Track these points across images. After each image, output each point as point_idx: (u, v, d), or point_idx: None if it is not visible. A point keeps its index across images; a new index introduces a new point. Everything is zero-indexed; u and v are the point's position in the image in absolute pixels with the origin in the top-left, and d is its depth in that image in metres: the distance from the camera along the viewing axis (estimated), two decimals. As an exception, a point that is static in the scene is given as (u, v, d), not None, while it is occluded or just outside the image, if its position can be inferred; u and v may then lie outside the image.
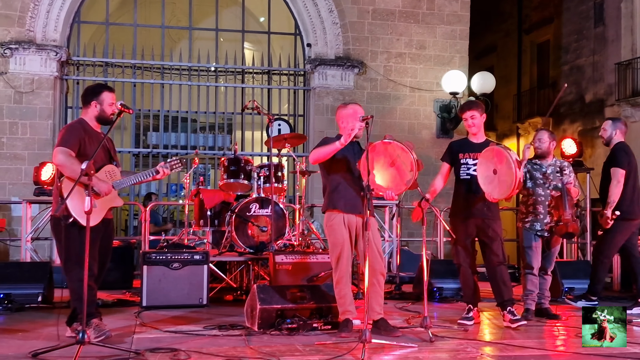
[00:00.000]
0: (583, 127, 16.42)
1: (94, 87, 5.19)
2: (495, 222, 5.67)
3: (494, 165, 5.38)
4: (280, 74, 12.24)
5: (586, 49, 16.63)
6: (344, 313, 5.09)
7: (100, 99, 5.01)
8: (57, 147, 4.83)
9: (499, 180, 5.34)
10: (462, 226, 5.68)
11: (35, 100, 10.89)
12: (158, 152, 11.56)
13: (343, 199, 5.10)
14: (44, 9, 10.95)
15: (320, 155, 5.08)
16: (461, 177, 5.74)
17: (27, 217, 8.73)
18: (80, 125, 4.99)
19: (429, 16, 12.09)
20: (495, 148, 5.42)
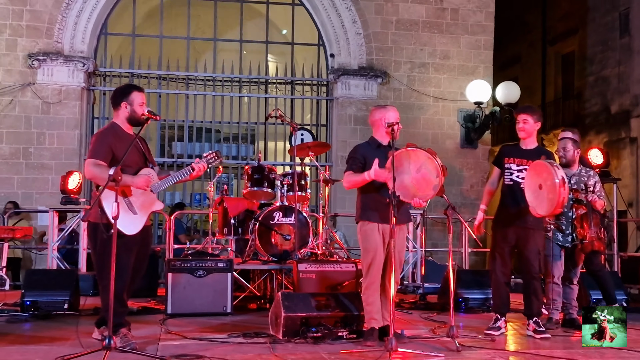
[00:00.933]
0: (609, 138, 16.22)
1: (123, 88, 5.08)
2: (536, 233, 5.56)
3: (540, 180, 5.27)
4: (303, 84, 12.29)
5: (612, 60, 16.45)
6: (370, 321, 5.05)
7: (130, 100, 4.88)
8: (87, 160, 4.77)
9: (543, 197, 5.23)
10: (501, 233, 5.62)
11: (63, 111, 11.03)
12: (182, 161, 11.62)
13: (376, 210, 5.04)
14: (72, 20, 11.12)
15: (352, 184, 5.11)
16: (505, 183, 5.69)
17: (54, 226, 8.83)
18: (111, 130, 4.88)
19: (453, 26, 12.07)
20: (542, 163, 5.30)
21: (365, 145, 5.24)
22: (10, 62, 10.92)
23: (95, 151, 4.74)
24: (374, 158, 4.96)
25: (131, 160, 4.77)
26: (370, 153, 5.08)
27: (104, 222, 4.51)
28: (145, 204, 4.84)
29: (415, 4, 11.96)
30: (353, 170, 5.10)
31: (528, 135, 5.69)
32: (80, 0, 11.13)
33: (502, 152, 5.81)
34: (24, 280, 6.66)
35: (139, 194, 4.81)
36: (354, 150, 5.25)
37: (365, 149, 5.17)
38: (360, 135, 11.48)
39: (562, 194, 5.10)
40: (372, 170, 4.89)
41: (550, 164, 5.24)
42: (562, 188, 5.10)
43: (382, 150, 5.08)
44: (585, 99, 17.45)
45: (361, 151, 5.15)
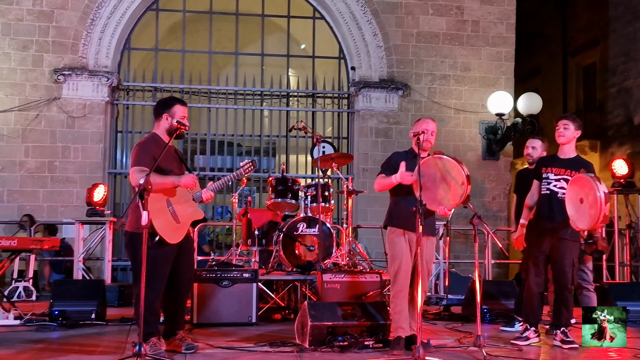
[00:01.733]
0: (632, 149, 16.07)
1: (167, 100, 5.18)
2: (571, 244, 5.51)
3: (582, 194, 5.20)
4: (324, 97, 12.35)
5: (634, 71, 16.33)
6: (397, 330, 5.04)
7: (172, 112, 4.94)
8: (132, 168, 4.81)
9: (584, 211, 5.17)
10: (536, 242, 5.59)
11: (87, 125, 11.18)
12: (205, 174, 11.70)
13: (404, 217, 5.06)
14: (96, 36, 11.30)
15: (381, 186, 5.19)
16: (542, 192, 5.65)
17: (80, 238, 8.93)
18: (152, 140, 4.94)
19: (474, 38, 12.08)
20: (584, 177, 5.24)
21: (402, 153, 5.28)
22: (36, 78, 11.10)
23: (138, 159, 4.80)
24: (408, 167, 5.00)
25: (172, 169, 4.87)
26: (404, 160, 5.10)
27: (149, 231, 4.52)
28: (188, 213, 4.92)
29: (436, 17, 12.00)
30: (385, 174, 5.14)
31: (567, 141, 5.64)
32: (104, 16, 11.32)
33: (540, 163, 5.79)
34: (52, 291, 6.74)
35: (183, 202, 4.88)
36: (390, 156, 5.32)
37: (401, 156, 5.20)
38: (382, 148, 11.53)
39: (604, 209, 5.03)
40: (399, 174, 4.94)
41: (592, 179, 5.15)
42: (604, 204, 5.03)
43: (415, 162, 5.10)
44: (607, 111, 17.32)
45: (396, 157, 5.20)
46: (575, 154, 5.73)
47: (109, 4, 11.29)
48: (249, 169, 5.24)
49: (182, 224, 4.88)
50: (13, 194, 10.93)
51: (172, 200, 4.84)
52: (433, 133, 5.15)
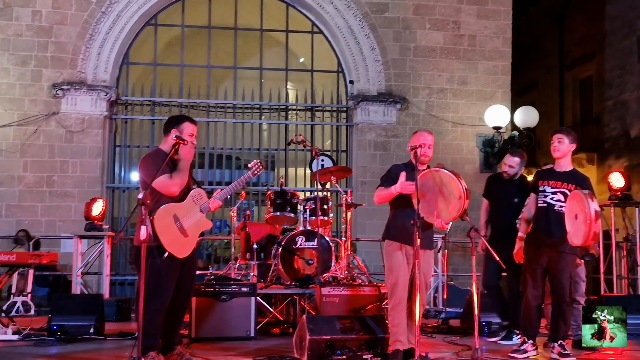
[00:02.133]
0: (629, 162, 16.14)
1: (177, 117, 5.24)
2: (568, 257, 5.53)
3: (576, 211, 5.25)
4: (323, 110, 12.40)
5: (630, 84, 16.43)
6: (395, 343, 5.04)
7: (180, 128, 4.98)
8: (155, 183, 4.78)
9: (578, 227, 5.21)
10: (533, 255, 5.61)
11: (86, 139, 11.20)
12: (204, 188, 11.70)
13: (401, 231, 5.09)
14: (95, 51, 11.35)
15: (380, 198, 5.19)
16: (538, 205, 5.68)
17: (78, 252, 8.93)
18: (155, 154, 5.01)
19: (470, 52, 12.16)
20: (579, 194, 5.27)
21: (402, 165, 5.28)
22: (35, 92, 11.14)
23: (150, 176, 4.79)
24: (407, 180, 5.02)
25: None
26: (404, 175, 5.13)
27: (156, 245, 4.57)
28: (195, 225, 4.94)
29: (433, 31, 12.08)
30: (384, 186, 5.17)
31: (563, 155, 5.68)
32: (103, 32, 11.38)
33: (537, 177, 5.83)
34: (51, 305, 6.73)
35: (190, 215, 4.91)
36: (389, 168, 5.33)
37: (400, 168, 5.20)
38: (380, 161, 11.56)
39: (593, 227, 5.06)
40: (399, 183, 4.95)
41: (585, 196, 5.18)
42: (592, 221, 5.06)
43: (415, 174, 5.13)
44: (604, 124, 17.40)
45: (395, 170, 5.20)
46: (572, 167, 5.76)
47: (107, 19, 11.35)
48: (257, 169, 5.24)
49: (191, 237, 4.90)
50: (11, 208, 10.92)
51: (179, 214, 4.86)
52: (430, 146, 5.17)
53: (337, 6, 11.89)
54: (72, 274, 8.93)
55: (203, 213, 5.00)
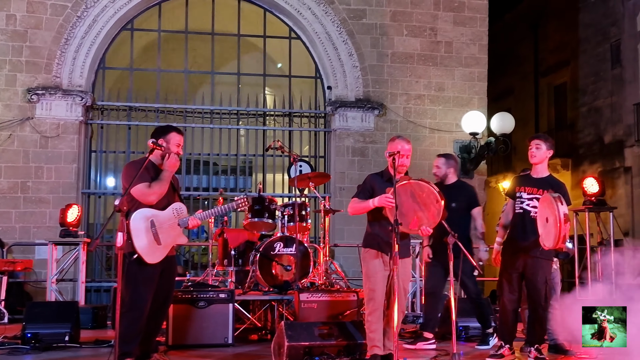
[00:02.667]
0: (603, 168, 16.37)
1: (164, 127, 5.27)
2: (544, 262, 5.57)
3: (547, 214, 5.32)
4: (301, 116, 12.40)
5: (604, 91, 16.68)
6: (372, 348, 5.05)
7: (167, 138, 5.03)
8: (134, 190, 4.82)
9: (549, 230, 5.28)
10: (510, 260, 5.65)
11: (61, 145, 11.08)
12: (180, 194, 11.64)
13: (379, 239, 5.11)
14: (71, 56, 11.24)
15: (355, 210, 5.21)
16: (515, 211, 5.73)
17: (53, 259, 8.82)
18: (141, 161, 5.01)
19: (447, 59, 12.24)
20: (549, 197, 5.34)
21: (377, 176, 5.31)
22: (9, 97, 10.99)
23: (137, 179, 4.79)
24: (383, 189, 5.06)
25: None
26: (379, 184, 5.15)
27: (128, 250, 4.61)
28: (171, 237, 4.96)
29: (410, 37, 12.15)
30: (359, 198, 5.18)
31: (540, 160, 5.73)
32: (78, 36, 11.27)
33: (514, 183, 5.87)
34: (25, 313, 6.63)
35: (167, 225, 4.93)
36: (365, 179, 5.35)
37: (376, 180, 5.23)
38: (358, 167, 11.59)
39: (563, 230, 5.13)
40: (377, 198, 4.98)
41: (554, 199, 5.25)
42: (562, 224, 5.13)
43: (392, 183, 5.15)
44: (578, 130, 17.64)
45: (371, 181, 5.23)
46: (548, 173, 5.82)
47: (83, 23, 11.25)
48: (242, 205, 5.37)
49: (163, 246, 4.91)
50: (-15, 215, 10.76)
51: (157, 222, 4.88)
52: (408, 156, 5.19)
53: (314, 12, 11.91)
54: (47, 281, 8.81)
55: (181, 227, 5.03)
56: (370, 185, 5.19)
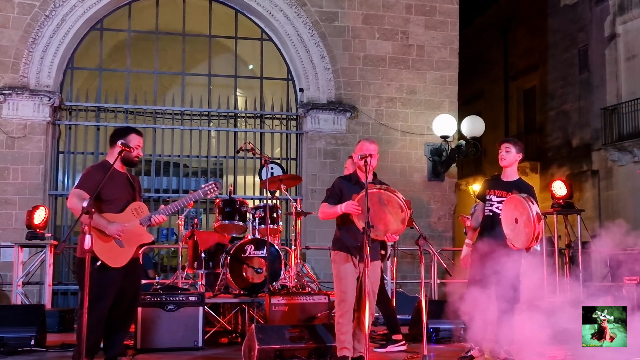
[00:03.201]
0: (570, 171, 16.62)
1: (123, 129, 5.24)
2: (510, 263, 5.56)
3: (516, 214, 5.36)
4: (272, 118, 12.36)
5: (572, 95, 16.94)
6: (342, 350, 5.04)
7: (127, 140, 5.01)
8: (72, 190, 4.84)
9: (519, 230, 5.32)
10: (478, 263, 5.67)
11: (27, 145, 10.89)
12: (149, 196, 11.53)
13: (349, 242, 5.11)
14: (38, 55, 11.06)
15: (325, 215, 5.22)
16: (485, 214, 5.77)
17: (19, 262, 8.65)
18: (101, 166, 4.99)
19: (419, 62, 12.31)
20: (517, 197, 5.38)
21: (345, 180, 5.30)
22: (-25, 97, 10.78)
23: (81, 183, 4.85)
24: (351, 193, 5.06)
25: (118, 195, 4.89)
26: (347, 188, 5.15)
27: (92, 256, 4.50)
28: (133, 237, 4.91)
29: (382, 41, 12.19)
30: (329, 203, 5.18)
31: (509, 164, 5.78)
32: (46, 36, 11.09)
33: (484, 186, 5.91)
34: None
35: (128, 228, 4.88)
36: (334, 183, 5.34)
37: (344, 183, 5.24)
38: (330, 169, 11.58)
39: (538, 228, 5.18)
40: (344, 205, 4.99)
41: (524, 199, 5.30)
42: (537, 223, 5.17)
43: (360, 186, 5.15)
44: (547, 133, 17.88)
45: (339, 185, 5.22)
46: (517, 176, 5.87)
47: (51, 22, 11.07)
48: (211, 191, 5.18)
49: (127, 248, 4.86)
50: (-52, 216, 10.52)
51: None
52: (376, 157, 5.21)
53: (286, 14, 11.88)
54: (13, 284, 8.63)
55: (143, 226, 4.97)
56: (339, 189, 5.20)
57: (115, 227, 4.81)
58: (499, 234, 5.54)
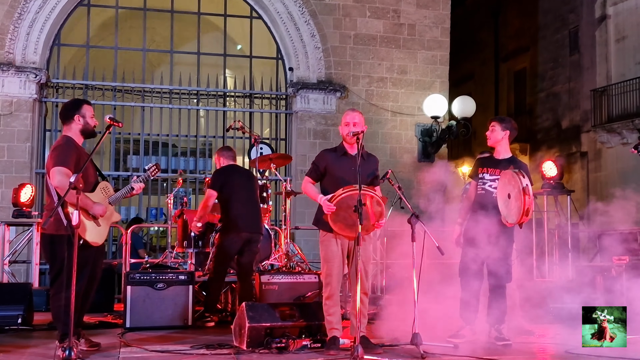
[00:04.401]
0: (560, 152, 16.64)
1: (74, 102, 5.21)
2: (503, 242, 5.56)
3: (508, 190, 5.34)
4: (262, 97, 12.25)
5: (562, 77, 16.93)
6: (331, 330, 5.02)
7: (82, 112, 5.01)
8: (54, 168, 4.74)
9: (512, 206, 5.30)
10: (472, 241, 5.64)
11: (14, 123, 10.75)
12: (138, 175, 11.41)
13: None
14: (24, 31, 10.88)
15: (307, 194, 5.20)
16: (477, 192, 5.74)
17: (5, 240, 8.55)
18: (69, 143, 4.94)
19: (410, 42, 12.22)
20: (509, 172, 5.38)
21: (331, 152, 5.22)
22: (-41, 73, 10.60)
23: (60, 160, 4.76)
24: (337, 166, 5.01)
25: (89, 174, 4.88)
26: (333, 162, 5.08)
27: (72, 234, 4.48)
28: (106, 216, 4.97)
29: (373, 19, 12.09)
30: (311, 178, 5.17)
31: (494, 142, 5.76)
32: (32, 11, 10.91)
33: (477, 164, 5.88)
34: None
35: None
36: (319, 156, 5.25)
37: (329, 155, 5.15)
38: (320, 149, 11.39)
39: (528, 201, 5.16)
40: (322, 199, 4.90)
41: (515, 173, 5.30)
42: (526, 195, 5.16)
43: (347, 159, 5.09)
44: (536, 115, 17.89)
45: (324, 158, 5.14)
46: (510, 154, 5.83)
47: (37, -3, 10.89)
48: (154, 171, 5.30)
49: (103, 226, 4.94)
50: None
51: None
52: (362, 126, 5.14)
53: (277, -9, 11.74)
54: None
55: (112, 205, 5.05)
56: (324, 165, 5.11)
57: (100, 207, 4.86)
58: (491, 212, 5.52)
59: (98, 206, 4.83)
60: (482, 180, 5.71)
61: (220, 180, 6.57)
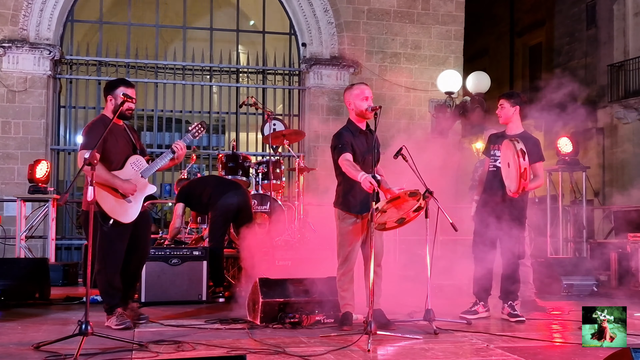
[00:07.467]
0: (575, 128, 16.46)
1: (112, 82, 5.15)
2: (515, 218, 5.54)
3: (507, 159, 5.34)
4: (275, 73, 12.21)
5: (578, 51, 16.71)
6: (345, 306, 5.06)
7: (115, 94, 4.96)
8: (79, 152, 4.84)
9: (512, 175, 5.29)
10: (484, 218, 5.63)
11: (28, 99, 10.80)
12: (152, 151, 11.45)
13: (358, 201, 5.00)
14: (38, 7, 10.88)
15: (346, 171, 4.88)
16: (489, 169, 5.73)
17: (22, 216, 8.65)
18: (100, 121, 4.96)
19: (424, 16, 12.10)
20: (506, 141, 5.37)
21: (347, 131, 5.12)
22: (-26, 50, 10.64)
23: (85, 143, 4.83)
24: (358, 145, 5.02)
25: (118, 150, 4.90)
26: (353, 139, 5.03)
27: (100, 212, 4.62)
28: (138, 191, 4.92)
29: (387, -7, 11.96)
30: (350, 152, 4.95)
31: (505, 119, 5.71)
32: (46, -13, 10.90)
33: (489, 141, 5.84)
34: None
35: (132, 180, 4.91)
36: (340, 135, 5.06)
37: (349, 135, 5.07)
38: (333, 125, 11.42)
39: (522, 163, 5.12)
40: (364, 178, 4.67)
41: (511, 141, 5.28)
42: (520, 158, 5.12)
43: (362, 137, 5.07)
44: (552, 91, 17.66)
45: (348, 137, 5.04)
46: (522, 129, 5.76)
47: (50, -27, 10.86)
48: (199, 131, 5.17)
49: (134, 202, 4.91)
50: (-50, 171, 10.50)
51: None
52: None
53: (290, -35, 11.64)
54: (16, 238, 8.65)
55: (145, 178, 5.00)
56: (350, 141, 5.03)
57: (130, 186, 4.84)
58: (502, 188, 5.50)
59: (127, 184, 4.83)
60: (494, 157, 5.68)
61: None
